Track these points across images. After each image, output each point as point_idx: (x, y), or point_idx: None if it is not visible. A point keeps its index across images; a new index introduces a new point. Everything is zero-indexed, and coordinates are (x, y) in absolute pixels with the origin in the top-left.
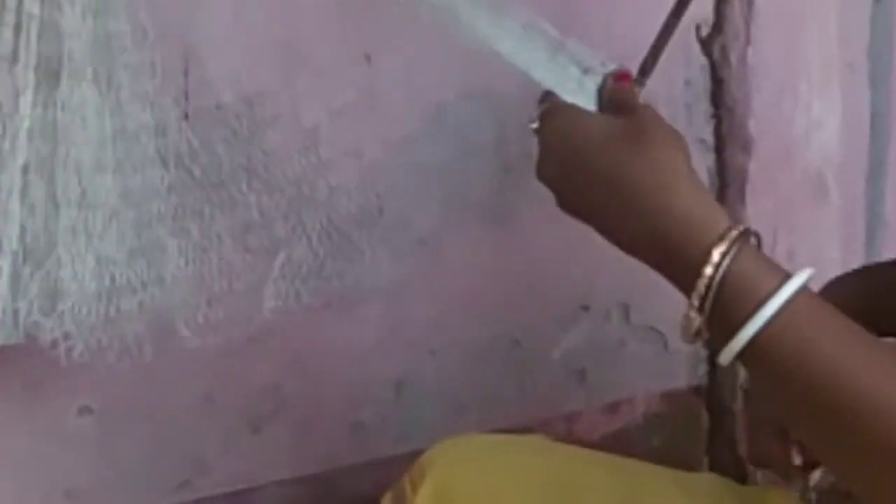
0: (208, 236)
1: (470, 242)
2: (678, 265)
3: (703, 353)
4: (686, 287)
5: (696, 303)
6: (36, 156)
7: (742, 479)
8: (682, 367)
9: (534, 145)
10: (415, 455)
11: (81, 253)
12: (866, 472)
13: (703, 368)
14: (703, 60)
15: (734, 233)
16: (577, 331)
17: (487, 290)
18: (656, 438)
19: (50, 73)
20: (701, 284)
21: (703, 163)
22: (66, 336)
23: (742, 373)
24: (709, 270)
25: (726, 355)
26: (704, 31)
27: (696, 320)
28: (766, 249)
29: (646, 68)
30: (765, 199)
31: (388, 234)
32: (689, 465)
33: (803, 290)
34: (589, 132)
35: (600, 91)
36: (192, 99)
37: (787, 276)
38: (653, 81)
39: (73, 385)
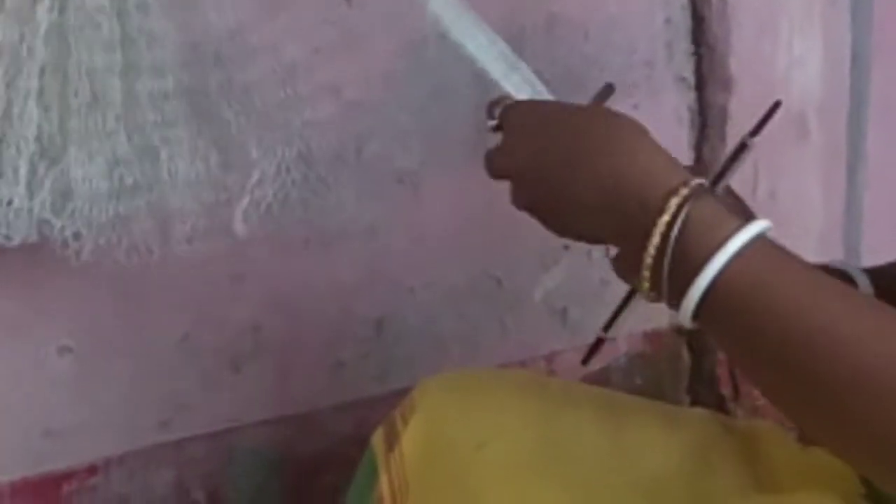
0: (196, 146)
1: (450, 181)
2: (635, 221)
3: None
4: (642, 243)
5: (652, 252)
6: (51, 59)
7: None
8: (663, 306)
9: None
10: (396, 394)
11: (92, 154)
12: (827, 414)
13: None
14: None
15: (692, 183)
16: (559, 270)
17: (468, 229)
18: (639, 378)
19: None
20: (657, 233)
21: (683, 101)
22: (77, 235)
23: None
24: (666, 218)
25: (685, 308)
26: None
27: (647, 280)
28: (748, 188)
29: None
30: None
31: (366, 173)
32: (671, 405)
33: (760, 237)
34: (555, 111)
35: None
36: (183, 14)
37: (742, 224)
38: (633, 19)
39: (52, 324)
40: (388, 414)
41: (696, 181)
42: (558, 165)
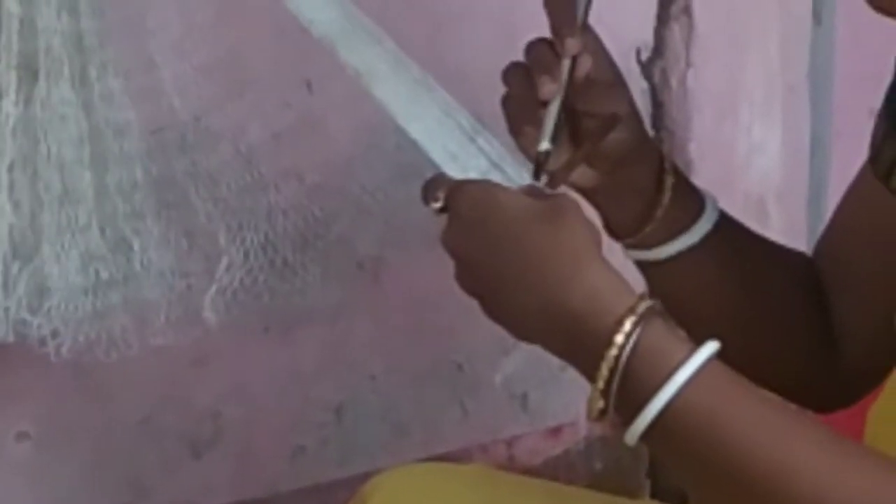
0: (168, 237)
1: (410, 266)
2: (584, 340)
3: None
4: (591, 364)
5: (604, 373)
6: (20, 153)
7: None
8: None
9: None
10: (356, 479)
11: (66, 249)
12: None
13: None
14: (644, 84)
15: (639, 308)
16: (519, 354)
17: (428, 314)
18: (598, 462)
19: (29, 72)
20: (610, 355)
21: None
22: (55, 333)
23: None
24: (620, 339)
25: (634, 432)
26: (644, 55)
27: (601, 401)
28: None
29: (556, 177)
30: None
31: (327, 258)
32: (631, 490)
33: (711, 360)
34: (507, 204)
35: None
36: (147, 104)
37: (692, 349)
38: None
39: (10, 410)
40: None
41: (644, 304)
42: (502, 273)
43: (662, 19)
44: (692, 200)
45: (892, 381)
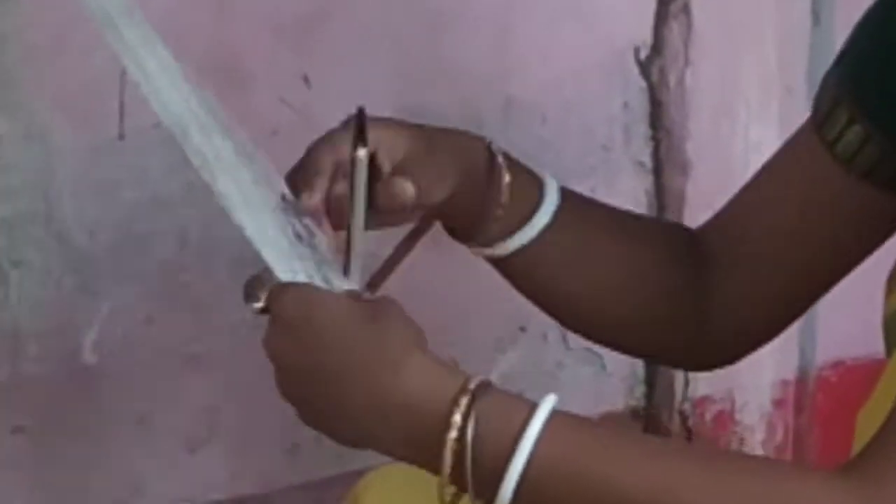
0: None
1: (407, 262)
2: (420, 430)
3: (641, 374)
4: (433, 453)
5: (448, 459)
6: None
7: None
8: (619, 389)
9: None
10: (351, 476)
11: None
12: None
13: (640, 390)
14: (642, 83)
15: (475, 381)
16: (515, 352)
17: (424, 311)
18: None
19: None
20: (451, 437)
21: (640, 185)
22: None
23: (679, 393)
24: (458, 419)
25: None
26: (643, 54)
27: (451, 487)
28: None
29: (375, 281)
30: (703, 222)
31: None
32: None
33: (555, 413)
34: (328, 308)
35: None
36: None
37: (531, 408)
38: (590, 103)
39: (5, 404)
40: None
41: (474, 381)
42: (326, 376)
43: (661, 18)
44: (531, 190)
45: (882, 383)
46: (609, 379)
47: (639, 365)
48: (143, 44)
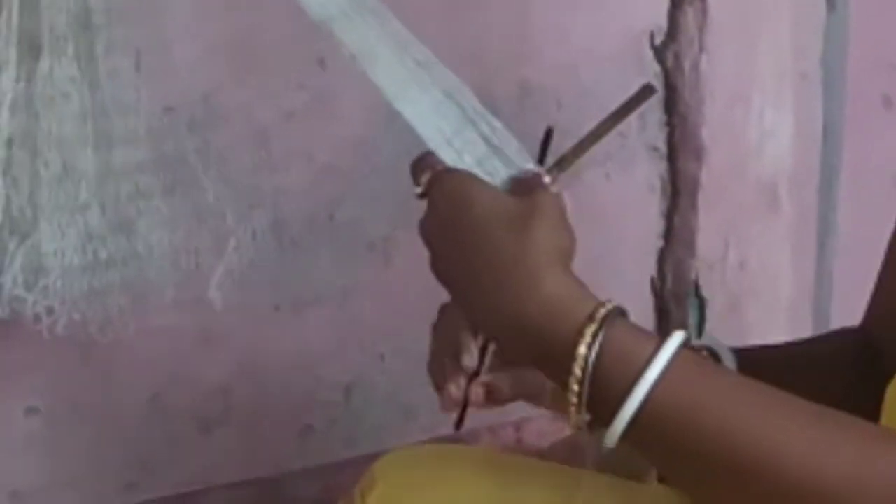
0: (175, 216)
1: (421, 247)
2: (548, 352)
3: None
4: (559, 373)
5: (574, 387)
6: (19, 129)
7: None
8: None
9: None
10: (363, 459)
11: (64, 227)
12: None
13: None
14: (657, 68)
15: (603, 310)
16: None
17: (437, 295)
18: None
19: (32, 48)
20: (576, 366)
21: (655, 170)
22: (49, 311)
23: None
24: (582, 349)
25: (612, 434)
26: (658, 39)
27: (578, 408)
28: (718, 259)
29: (563, 163)
30: (717, 207)
31: (337, 238)
32: (638, 474)
33: (680, 351)
34: (481, 203)
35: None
36: (157, 83)
37: (659, 343)
38: (606, 88)
39: (20, 385)
40: (348, 491)
41: (604, 309)
42: (468, 271)
43: (676, 3)
44: None
45: None
46: None
47: None
48: None
